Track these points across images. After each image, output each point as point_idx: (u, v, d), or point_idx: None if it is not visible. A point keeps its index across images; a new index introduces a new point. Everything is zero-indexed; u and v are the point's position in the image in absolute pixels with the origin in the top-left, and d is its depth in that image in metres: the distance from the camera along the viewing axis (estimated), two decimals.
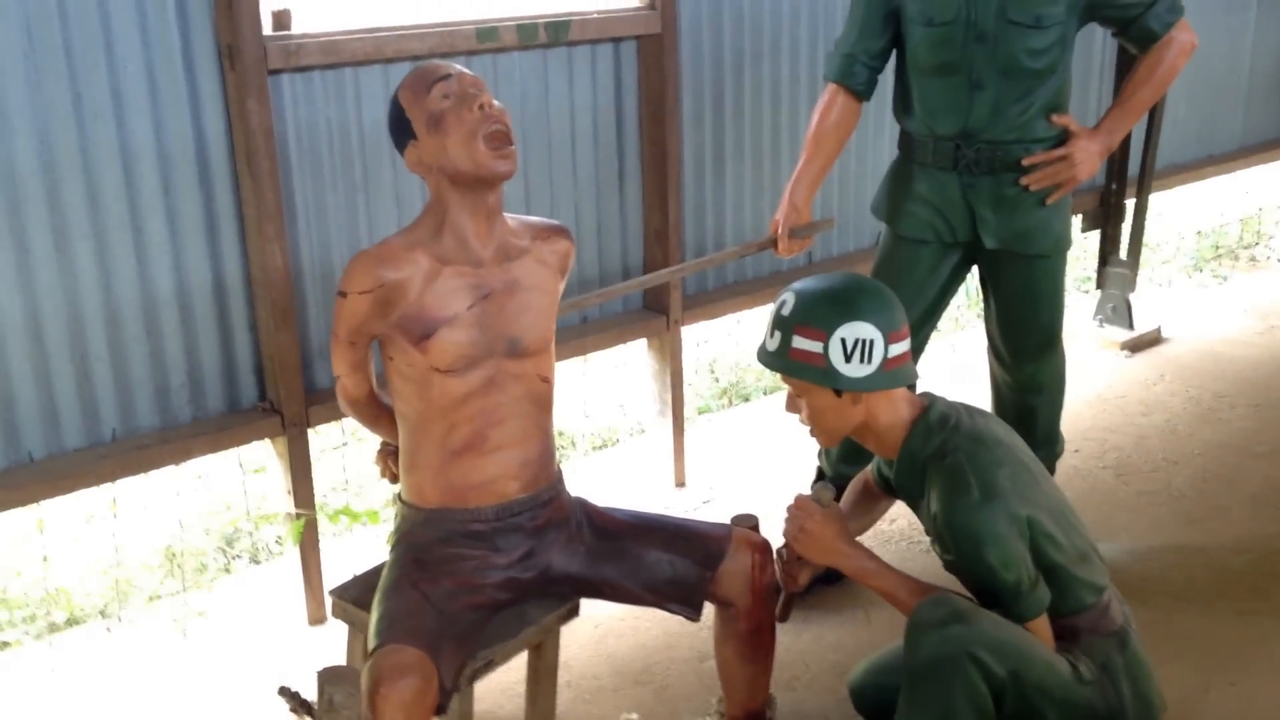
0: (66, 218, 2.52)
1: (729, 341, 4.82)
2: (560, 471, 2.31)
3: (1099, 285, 4.83)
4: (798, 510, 2.20)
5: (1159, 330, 4.75)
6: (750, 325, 4.70)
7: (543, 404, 2.24)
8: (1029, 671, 2.00)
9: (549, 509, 2.23)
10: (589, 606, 2.37)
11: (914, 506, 2.23)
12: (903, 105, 2.86)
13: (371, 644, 1.95)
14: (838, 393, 2.11)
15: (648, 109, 3.44)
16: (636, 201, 3.54)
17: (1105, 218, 4.78)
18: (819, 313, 2.09)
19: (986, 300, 2.99)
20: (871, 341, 2.08)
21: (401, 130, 2.12)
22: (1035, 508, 2.07)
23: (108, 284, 2.61)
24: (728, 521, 2.35)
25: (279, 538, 3.44)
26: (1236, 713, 2.53)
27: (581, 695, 2.68)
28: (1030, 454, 2.20)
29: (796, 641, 2.86)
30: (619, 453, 4.00)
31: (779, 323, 2.15)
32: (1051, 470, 3.14)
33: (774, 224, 2.82)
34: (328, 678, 1.81)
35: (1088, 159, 2.71)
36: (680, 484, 3.70)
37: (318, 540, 2.92)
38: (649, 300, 3.58)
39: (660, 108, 3.40)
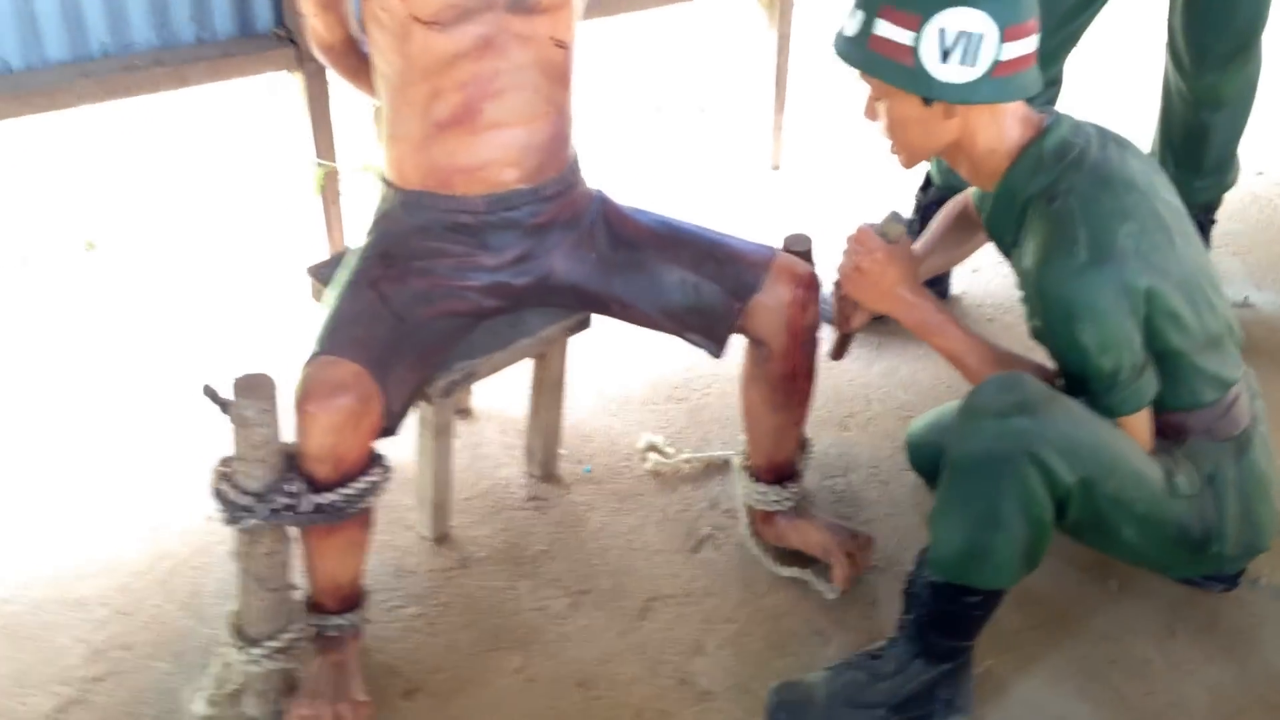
0: None
1: None
2: (575, 160, 1.89)
3: None
4: (857, 244, 1.75)
5: None
6: None
7: (557, 75, 1.78)
8: (1107, 480, 1.59)
9: (555, 205, 1.83)
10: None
11: (1006, 254, 1.76)
12: None
13: (310, 350, 1.64)
14: (927, 101, 1.60)
15: None
16: None
17: None
18: None
19: None
20: (981, 36, 1.54)
21: None
22: (1162, 277, 1.58)
23: None
24: (779, 242, 1.92)
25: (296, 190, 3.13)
26: None
27: (607, 406, 2.38)
28: (1175, 206, 1.68)
29: (865, 373, 2.48)
30: (705, 123, 3.51)
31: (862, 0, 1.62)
32: (1215, 202, 2.57)
33: None
34: (241, 387, 1.52)
35: None
36: (775, 166, 3.23)
37: (338, 196, 2.59)
38: None
39: None
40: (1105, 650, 1.88)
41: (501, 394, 2.32)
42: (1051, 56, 2.36)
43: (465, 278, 1.80)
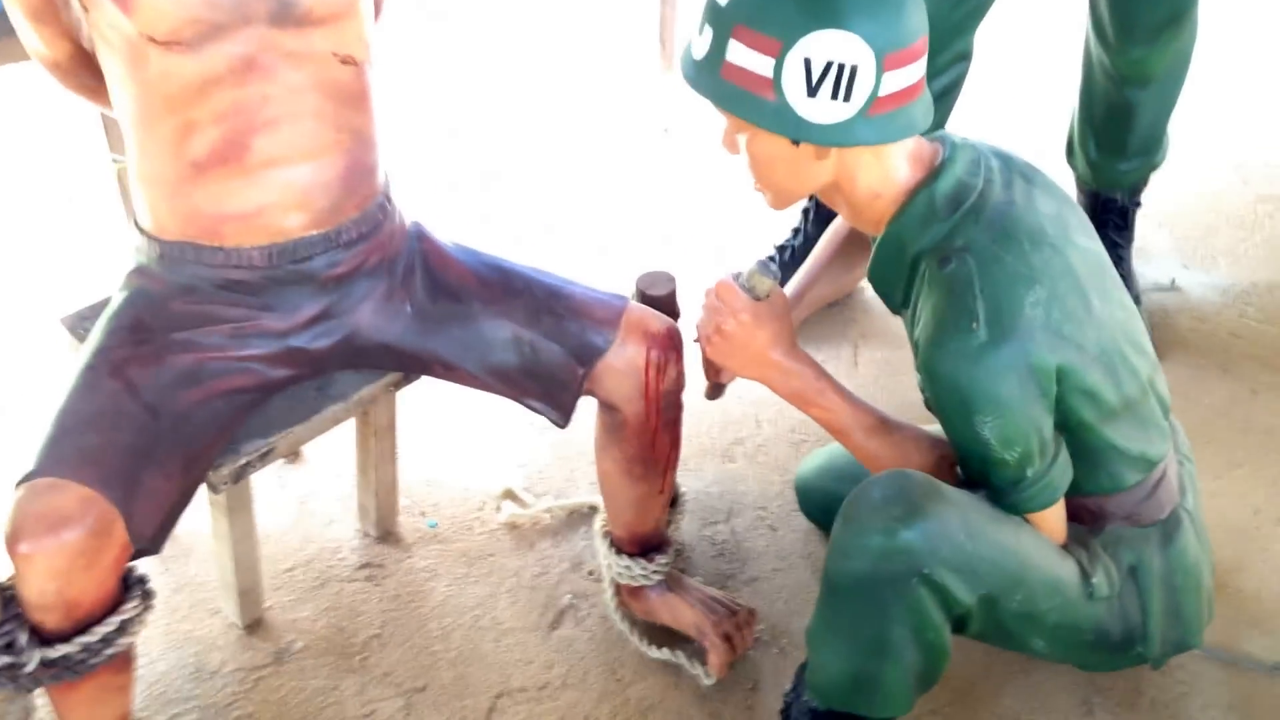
0: None
1: None
2: (386, 192, 1.55)
3: None
4: (718, 301, 1.45)
5: None
6: None
7: (348, 98, 1.44)
8: (1012, 595, 1.34)
9: (358, 251, 1.50)
10: None
11: (894, 311, 1.46)
12: None
13: (25, 468, 1.31)
14: (794, 141, 1.29)
15: None
16: None
17: None
18: (773, 5, 1.23)
19: None
20: (854, 68, 1.23)
21: None
22: (1076, 350, 1.31)
23: None
24: (630, 285, 1.61)
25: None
26: None
27: (456, 442, 2.08)
28: (1092, 254, 1.39)
29: (754, 389, 2.19)
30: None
31: (712, 13, 1.28)
32: (1142, 184, 2.28)
33: None
34: None
35: None
36: (669, 67, 2.90)
37: None
38: None
39: None
40: None
41: (339, 432, 2.01)
42: (960, 28, 2.06)
43: (245, 346, 1.47)
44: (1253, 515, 1.93)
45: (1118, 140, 2.16)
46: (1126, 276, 2.30)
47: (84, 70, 1.47)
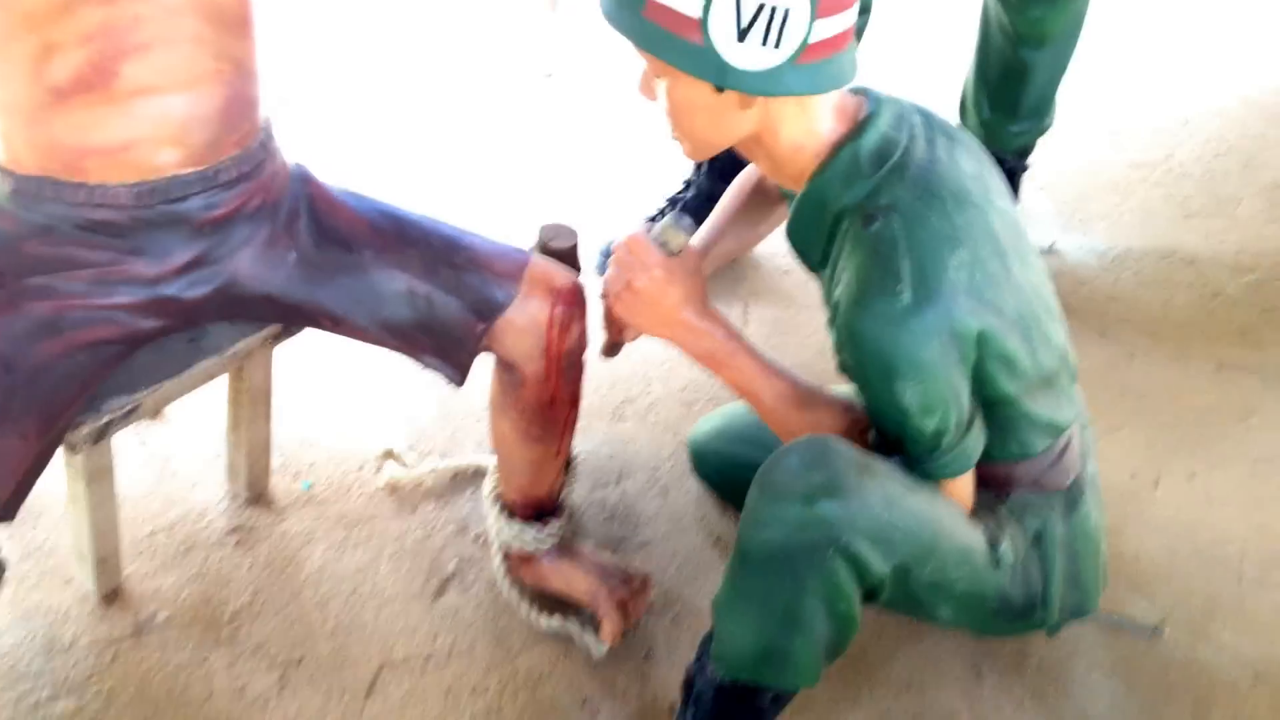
0: None
1: None
2: (268, 130, 1.43)
3: None
4: (629, 255, 1.38)
5: None
6: None
7: (228, 21, 1.31)
8: (924, 564, 1.31)
9: (238, 192, 1.38)
10: None
11: (811, 269, 1.41)
12: None
13: None
14: (718, 87, 1.22)
15: None
16: None
17: None
18: None
19: None
20: (786, 10, 1.17)
21: None
22: (996, 315, 1.28)
23: None
24: (533, 235, 1.53)
25: None
26: (1186, 522, 1.91)
27: (333, 399, 1.97)
28: (1010, 217, 1.36)
29: (643, 344, 2.11)
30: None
31: None
32: (1030, 147, 2.29)
33: None
34: None
35: None
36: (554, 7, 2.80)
37: None
38: None
39: None
40: (908, 703, 1.64)
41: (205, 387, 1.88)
42: None
43: (111, 294, 1.34)
44: (1130, 479, 1.97)
45: (1011, 101, 2.16)
46: None
47: None
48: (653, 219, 2.23)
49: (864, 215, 1.27)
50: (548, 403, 1.50)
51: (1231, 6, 3.32)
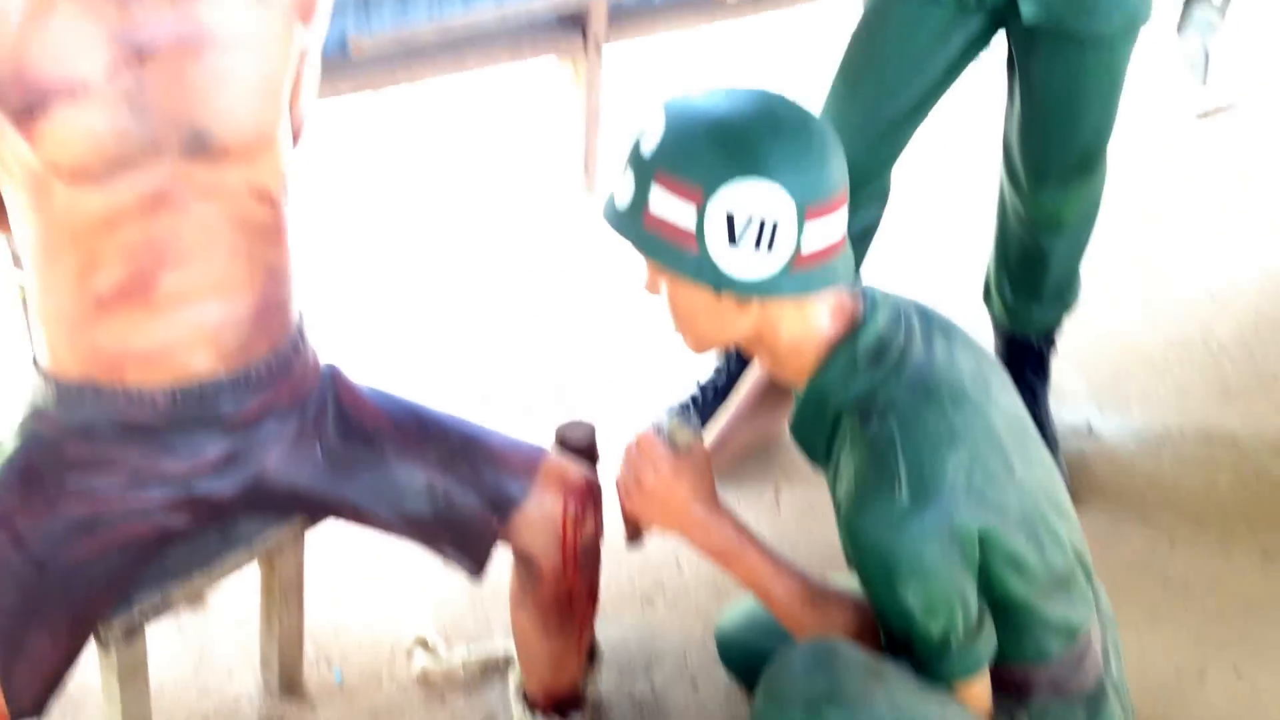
0: None
1: (666, 73, 3.76)
2: (300, 329, 1.51)
3: (1179, 29, 3.79)
4: (638, 453, 1.42)
5: (1243, 95, 3.75)
6: (697, 51, 3.65)
7: (263, 233, 1.41)
8: None
9: (270, 392, 1.45)
10: None
11: (816, 464, 1.44)
12: None
13: None
14: (717, 289, 1.28)
15: None
16: None
17: None
18: (696, 155, 1.23)
19: (1011, 91, 2.06)
20: (775, 221, 1.23)
21: None
22: (999, 515, 1.29)
23: None
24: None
25: None
26: (1232, 716, 1.85)
27: (365, 584, 2.00)
28: (1012, 414, 1.39)
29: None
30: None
31: (634, 159, 1.28)
32: (1056, 327, 2.31)
33: None
34: None
35: None
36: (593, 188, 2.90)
37: None
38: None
39: None
40: None
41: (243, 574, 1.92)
42: (878, 168, 2.09)
43: (143, 492, 1.40)
44: (1175, 674, 1.91)
45: (1032, 284, 2.19)
46: (1043, 420, 2.31)
47: None
48: (683, 405, 2.27)
49: (861, 414, 1.30)
50: (565, 596, 1.52)
51: (1263, 179, 3.35)
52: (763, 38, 3.81)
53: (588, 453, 1.59)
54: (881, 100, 1.99)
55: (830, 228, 1.26)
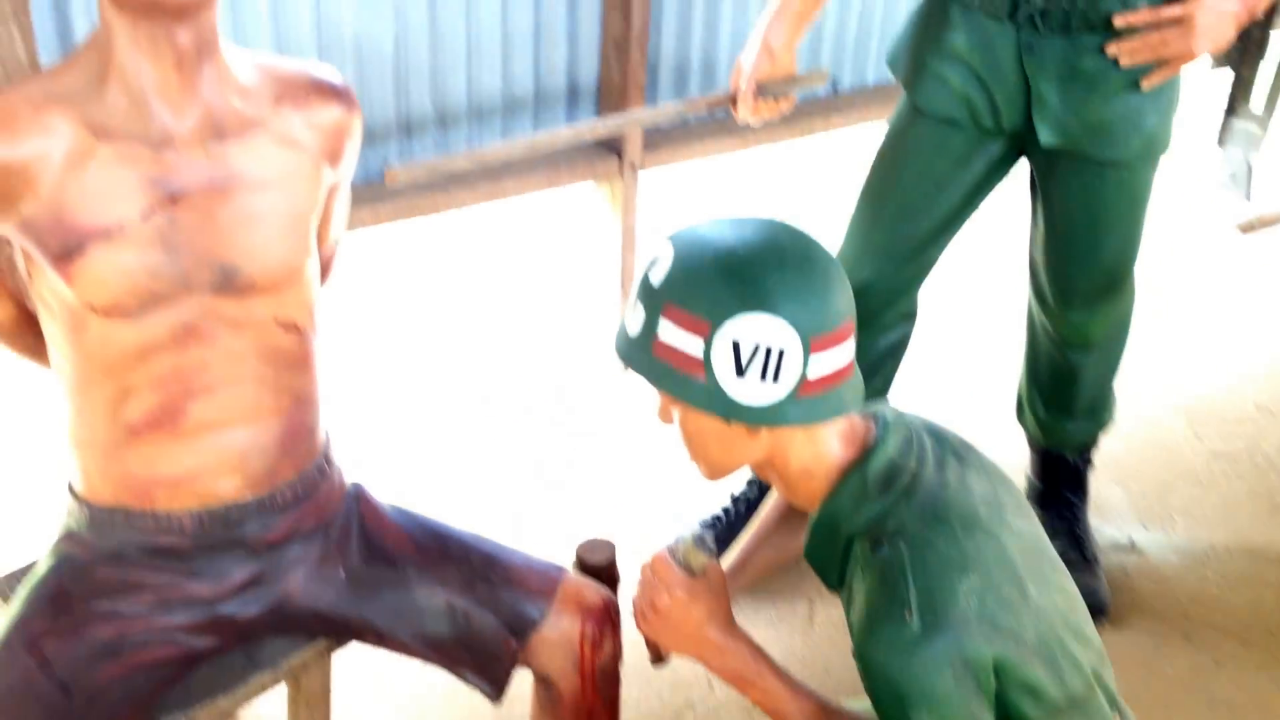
0: None
1: (700, 195, 3.85)
2: (326, 451, 1.55)
3: (1220, 142, 3.81)
4: (653, 577, 1.43)
5: None
6: (731, 174, 3.73)
7: (290, 362, 1.45)
8: None
9: (295, 514, 1.48)
10: None
11: (831, 589, 1.44)
12: None
13: None
14: (726, 419, 1.30)
15: None
16: None
17: (1241, 53, 3.72)
18: (703, 288, 1.26)
19: (1034, 212, 2.08)
20: (780, 351, 1.25)
21: None
22: (1013, 642, 1.27)
23: None
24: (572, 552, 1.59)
25: None
26: None
27: (396, 700, 2.01)
28: (1028, 536, 1.38)
29: None
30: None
31: (644, 291, 1.31)
32: (1092, 443, 2.30)
33: (735, 72, 1.91)
34: None
35: (1216, 24, 1.75)
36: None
37: None
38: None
39: None
40: None
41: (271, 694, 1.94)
42: (905, 288, 2.11)
43: (169, 615, 1.43)
44: None
45: (1064, 401, 2.18)
46: (1082, 536, 2.28)
47: (28, 331, 1.49)
48: (703, 526, 2.28)
49: (872, 540, 1.30)
50: (585, 718, 1.52)
51: None
52: (792, 160, 3.88)
53: (607, 573, 1.60)
54: (905, 223, 2.02)
55: (836, 357, 1.28)
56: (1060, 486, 2.30)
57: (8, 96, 1.27)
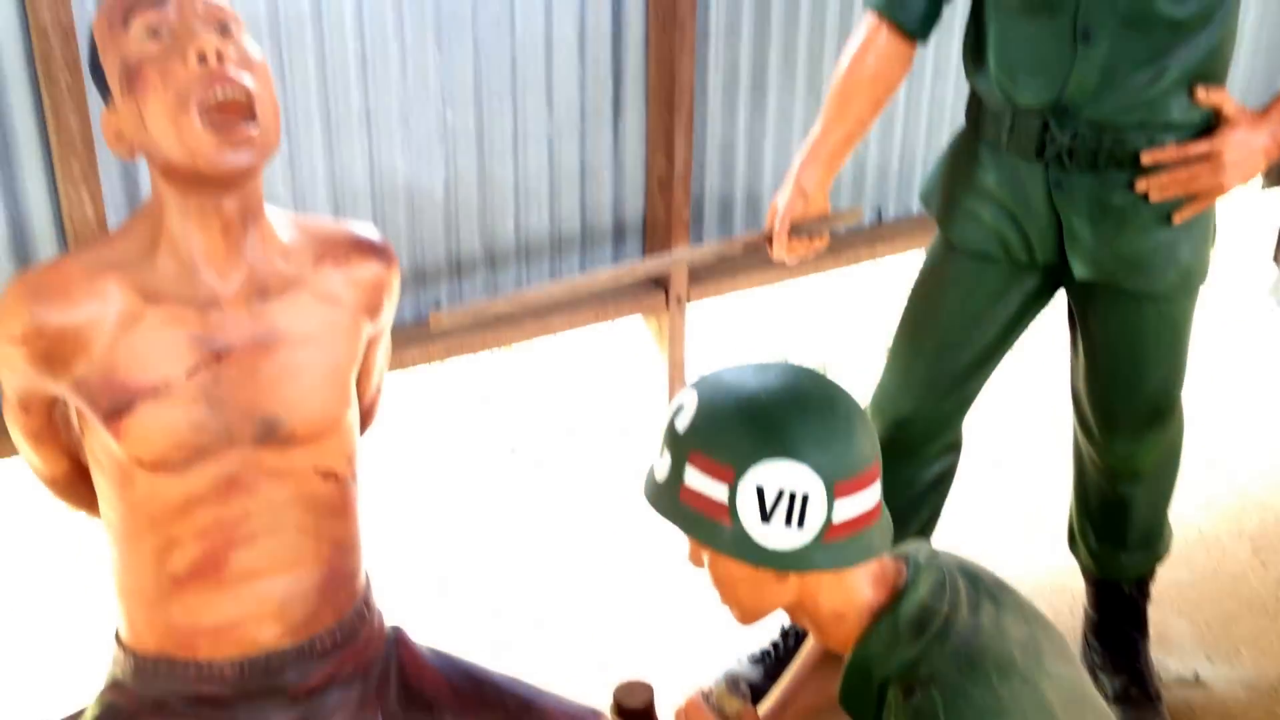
0: None
1: (746, 326, 3.87)
2: (366, 596, 1.57)
3: (1276, 258, 3.79)
4: None
5: None
6: (777, 305, 3.75)
7: (330, 510, 1.49)
8: None
9: (334, 660, 1.50)
10: None
11: None
12: (974, 55, 1.93)
13: None
14: (753, 563, 1.30)
15: (655, 19, 2.57)
16: (638, 138, 2.70)
17: None
18: (726, 434, 1.28)
19: (1074, 343, 2.08)
20: (805, 497, 1.26)
21: (98, 81, 1.36)
22: None
23: None
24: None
25: None
26: None
27: None
28: (1065, 680, 1.35)
29: None
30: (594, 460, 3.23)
31: (670, 438, 1.34)
32: (1148, 575, 2.25)
33: (770, 213, 1.96)
34: None
35: (1245, 159, 1.76)
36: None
37: None
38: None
39: (671, 17, 2.53)
40: None
41: None
42: (948, 420, 2.11)
43: None
44: None
45: (1116, 532, 2.15)
46: (1144, 671, 2.22)
47: (80, 484, 1.54)
48: (759, 658, 2.25)
49: (905, 686, 1.29)
50: None
51: None
52: (839, 288, 3.91)
53: (645, 716, 1.59)
54: (944, 357, 2.03)
55: (862, 501, 1.29)
56: (1117, 619, 2.24)
57: (66, 265, 1.35)
